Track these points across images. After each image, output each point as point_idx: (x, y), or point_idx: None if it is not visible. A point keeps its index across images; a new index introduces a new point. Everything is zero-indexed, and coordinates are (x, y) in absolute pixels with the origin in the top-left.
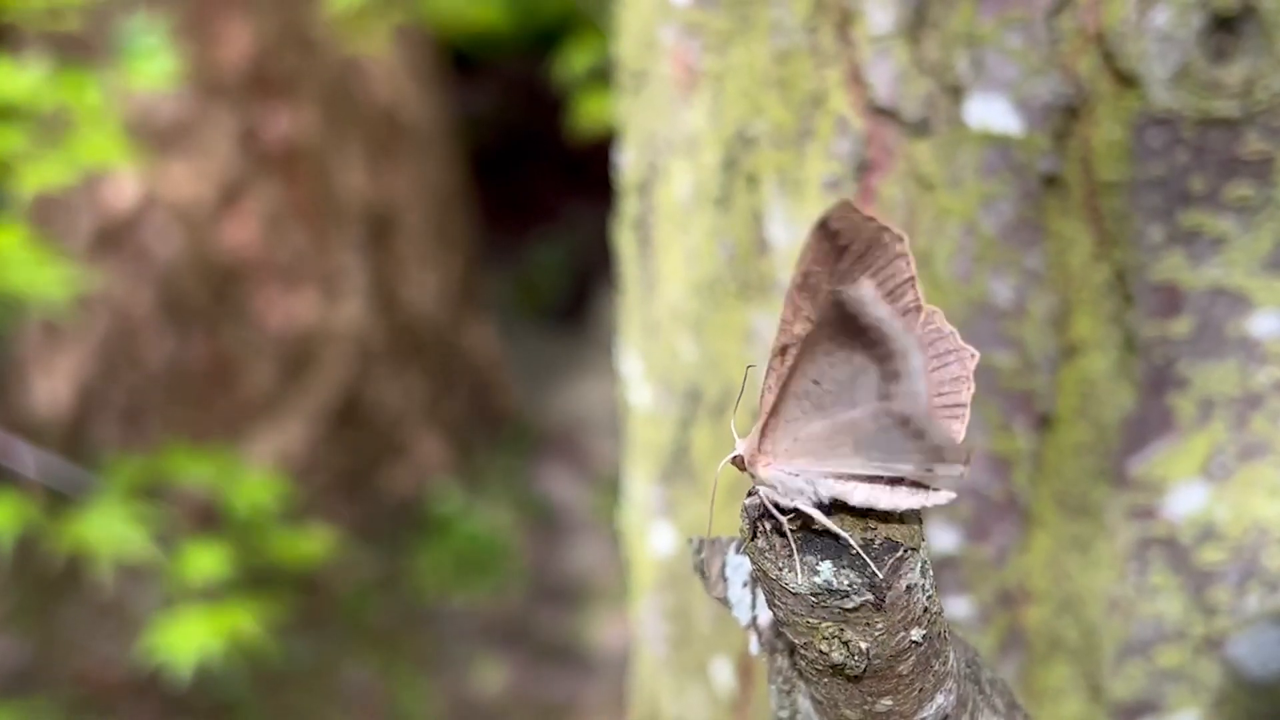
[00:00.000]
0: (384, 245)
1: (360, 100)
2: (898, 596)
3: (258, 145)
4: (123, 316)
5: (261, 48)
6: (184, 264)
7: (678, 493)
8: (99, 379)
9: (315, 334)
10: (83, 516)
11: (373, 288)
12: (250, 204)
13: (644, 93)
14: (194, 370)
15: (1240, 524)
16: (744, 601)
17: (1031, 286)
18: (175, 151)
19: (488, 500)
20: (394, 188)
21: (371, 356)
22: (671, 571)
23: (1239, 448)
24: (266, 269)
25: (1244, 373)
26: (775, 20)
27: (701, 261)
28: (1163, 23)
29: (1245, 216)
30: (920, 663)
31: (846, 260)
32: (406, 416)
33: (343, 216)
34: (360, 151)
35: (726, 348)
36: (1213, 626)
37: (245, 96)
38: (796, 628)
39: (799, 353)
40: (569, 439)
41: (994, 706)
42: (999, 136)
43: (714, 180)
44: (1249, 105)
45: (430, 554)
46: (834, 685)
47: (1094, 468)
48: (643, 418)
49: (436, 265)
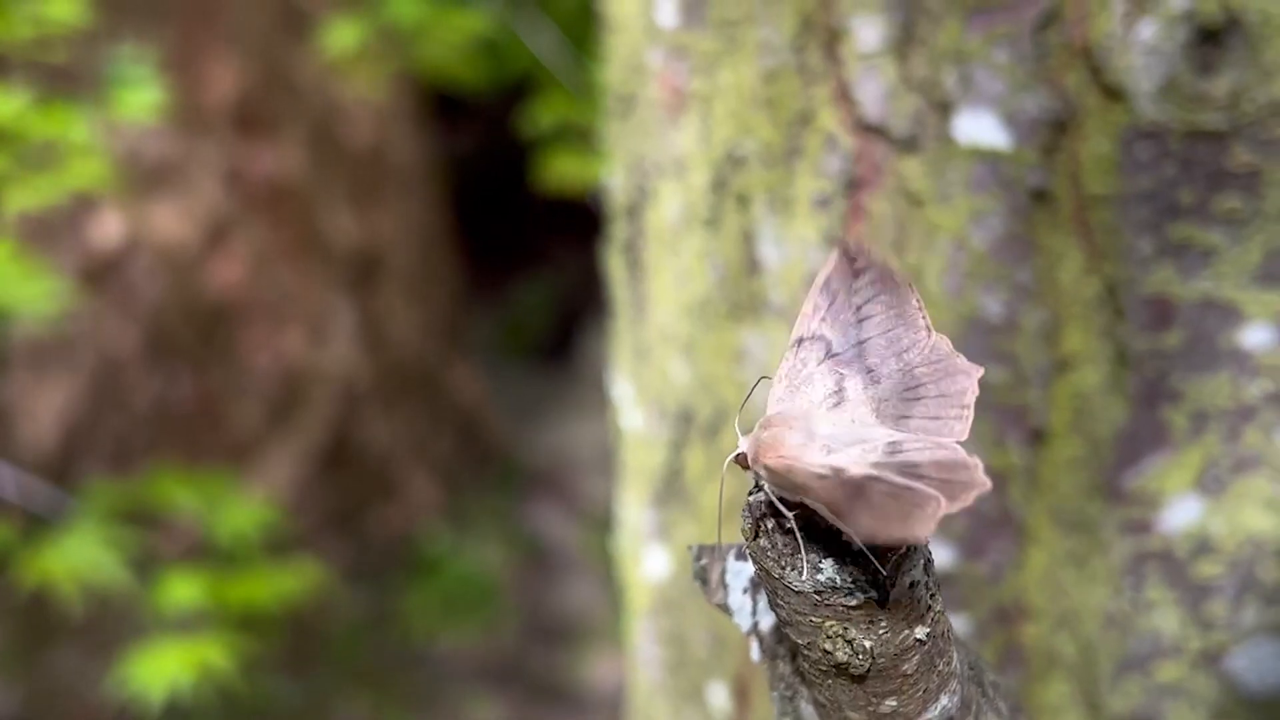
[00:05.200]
0: (370, 285)
1: (345, 141)
2: (901, 594)
3: (244, 185)
4: (109, 357)
5: (247, 88)
6: (170, 304)
7: (671, 515)
8: (85, 420)
9: (302, 374)
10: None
11: (359, 328)
12: (236, 244)
13: (632, 117)
14: (181, 410)
15: (1235, 537)
16: (744, 608)
17: (1022, 301)
18: (161, 191)
19: (476, 539)
20: (380, 228)
21: (359, 396)
22: (665, 595)
23: (1232, 461)
24: (253, 309)
25: (1236, 385)
26: (763, 40)
27: (692, 283)
28: (1149, 36)
29: (1234, 229)
30: (924, 662)
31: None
32: (394, 456)
33: (329, 257)
34: (346, 192)
35: (718, 368)
36: (1210, 641)
37: (231, 137)
38: (800, 627)
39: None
40: (557, 477)
41: (998, 710)
42: (988, 152)
43: (703, 201)
44: (1236, 118)
45: (419, 593)
46: (838, 686)
47: (1088, 482)
48: (635, 442)
49: (423, 305)
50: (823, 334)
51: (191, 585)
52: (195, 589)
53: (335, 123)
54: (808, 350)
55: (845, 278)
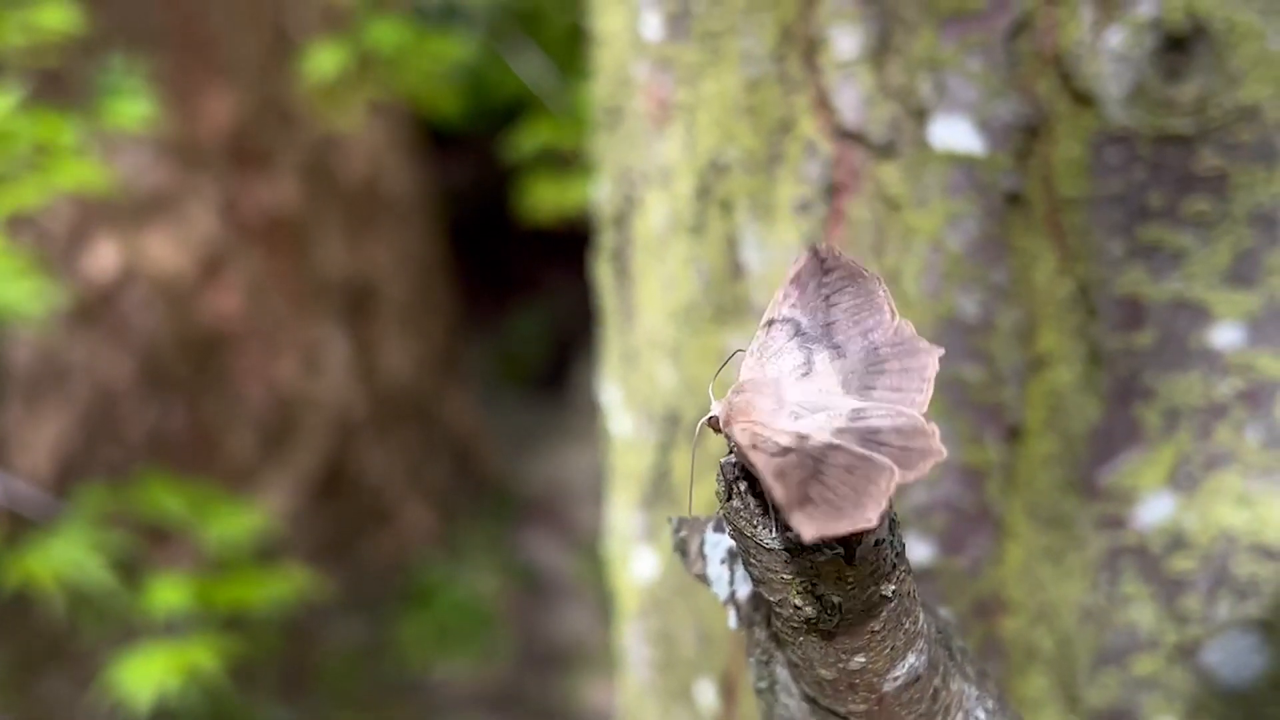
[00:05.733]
0: (364, 315)
1: (340, 172)
2: (867, 550)
3: (238, 216)
4: (103, 388)
5: (242, 120)
6: (165, 334)
7: (659, 517)
8: (79, 451)
9: (297, 403)
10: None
11: (354, 357)
12: (231, 274)
13: (619, 128)
14: (175, 440)
15: (1208, 533)
16: (722, 578)
17: (998, 301)
18: (156, 222)
19: (471, 567)
20: (374, 258)
21: (353, 426)
22: (654, 596)
23: (1204, 457)
24: (248, 339)
25: (1207, 384)
26: (744, 50)
27: (678, 288)
28: (1117, 44)
29: (1203, 231)
30: (891, 620)
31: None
32: (389, 485)
33: (323, 287)
34: (340, 223)
35: (704, 371)
36: (1185, 635)
37: (226, 168)
38: (772, 585)
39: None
40: (552, 506)
41: (965, 674)
42: (963, 156)
43: (689, 208)
44: (1202, 122)
45: (414, 622)
46: (809, 644)
47: (1064, 479)
48: (623, 446)
49: (417, 335)
50: (792, 316)
51: (179, 589)
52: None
53: (330, 154)
54: (778, 330)
55: (814, 273)
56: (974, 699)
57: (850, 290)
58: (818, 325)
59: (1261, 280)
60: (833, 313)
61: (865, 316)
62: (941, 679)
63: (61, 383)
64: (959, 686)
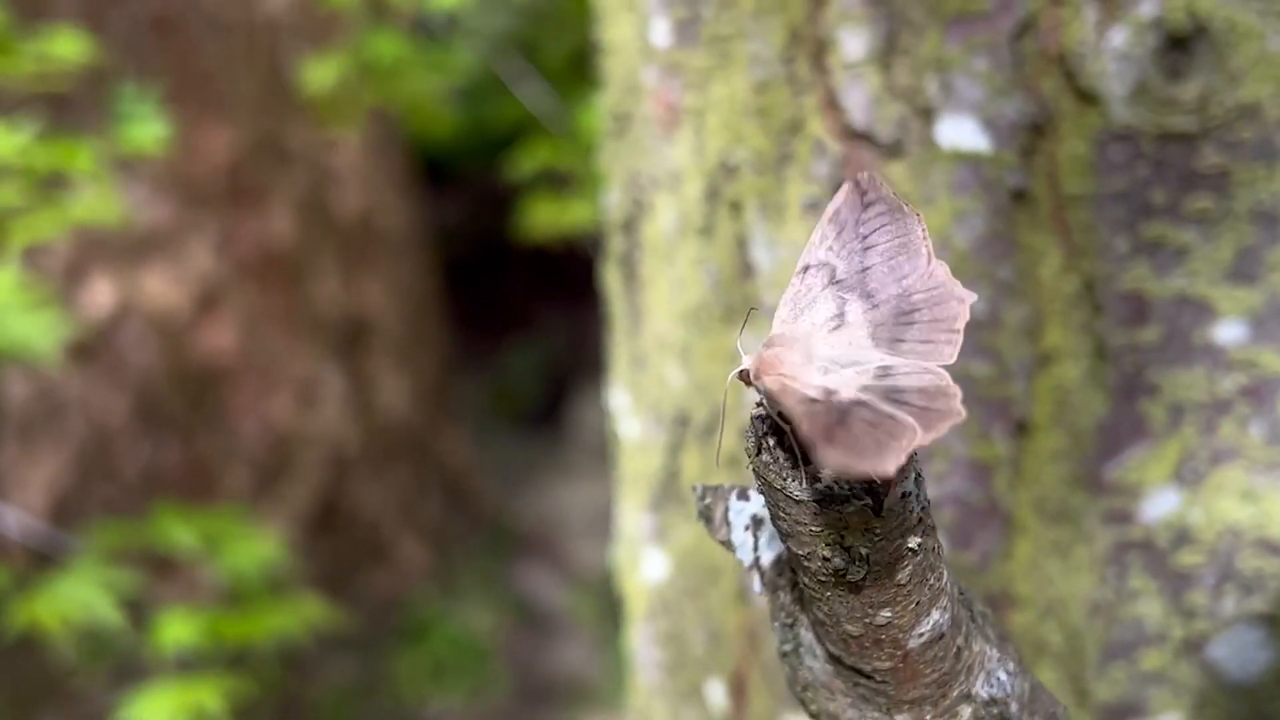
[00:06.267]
0: (359, 351)
1: (335, 208)
2: (895, 503)
3: (234, 252)
4: (98, 425)
5: (238, 156)
6: (160, 371)
7: (668, 518)
8: (74, 489)
9: (291, 439)
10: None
11: (348, 393)
12: (226, 311)
13: (628, 135)
14: (170, 477)
15: (1214, 528)
16: (746, 544)
17: (1005, 298)
18: (152, 259)
19: (466, 603)
20: (369, 294)
21: (348, 461)
22: (664, 597)
23: (1209, 452)
24: (243, 375)
25: (1211, 379)
26: (753, 53)
27: (687, 290)
28: (1120, 43)
29: (1206, 228)
30: (917, 574)
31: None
32: (383, 520)
33: (318, 322)
34: (335, 258)
35: (713, 371)
36: (1192, 629)
37: (222, 205)
38: (800, 538)
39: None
40: (547, 541)
41: (986, 636)
42: (969, 155)
43: (698, 210)
44: (1204, 120)
45: (410, 658)
46: (835, 599)
47: (1071, 474)
48: (632, 449)
49: (412, 370)
50: (828, 260)
51: (187, 625)
52: (191, 629)
53: (325, 190)
54: (813, 276)
55: (854, 209)
56: (995, 660)
57: (889, 229)
58: (853, 271)
59: (1263, 277)
60: (869, 256)
61: (902, 261)
62: (964, 638)
63: (57, 419)
64: (981, 647)
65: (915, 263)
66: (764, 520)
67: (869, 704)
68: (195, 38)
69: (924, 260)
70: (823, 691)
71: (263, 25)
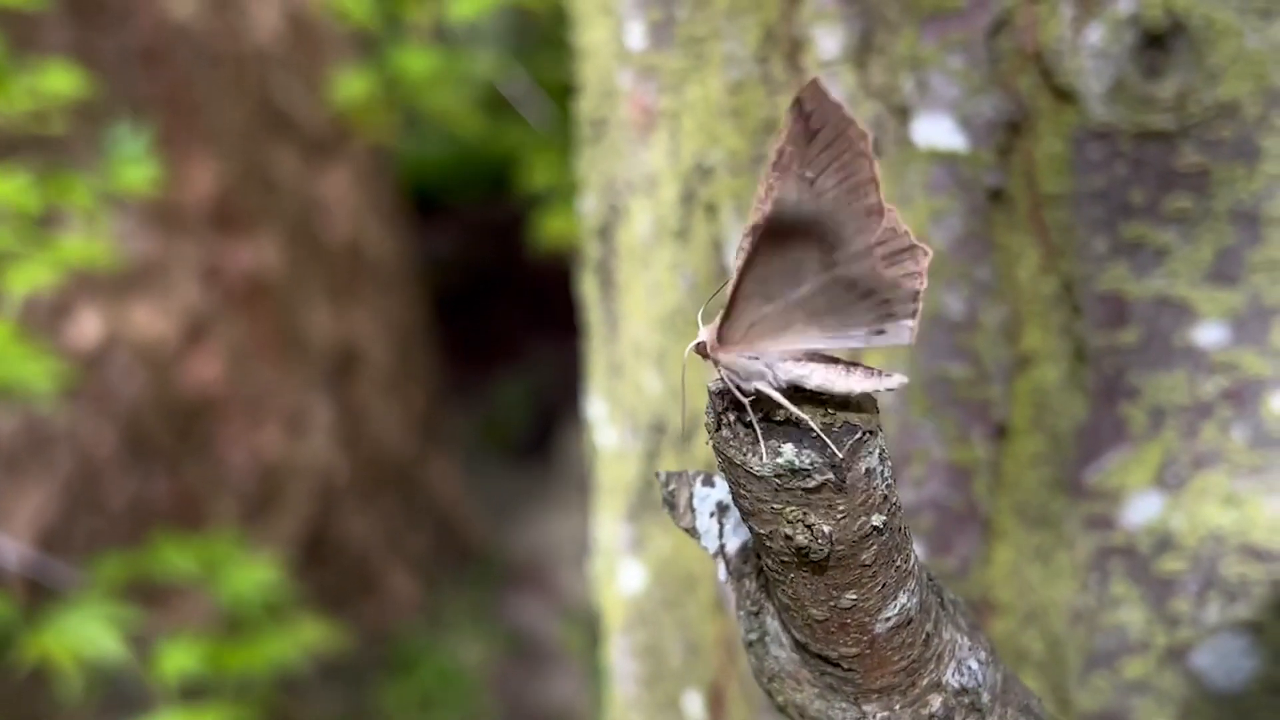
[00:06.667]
0: (348, 381)
1: (324, 237)
2: (857, 479)
3: (222, 282)
4: (85, 458)
5: (225, 186)
6: (148, 402)
7: (645, 528)
8: (60, 522)
9: (279, 470)
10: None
11: (337, 423)
12: (214, 341)
13: (604, 140)
14: (157, 508)
15: (1196, 533)
16: (711, 531)
17: (983, 298)
18: (139, 290)
19: (455, 635)
20: (358, 324)
21: (336, 492)
22: (641, 609)
23: (1191, 457)
24: (230, 405)
25: (1192, 382)
26: (728, 53)
27: (663, 295)
28: (1097, 40)
29: (1185, 228)
30: (882, 554)
31: (816, 147)
32: (371, 552)
33: (307, 352)
34: (324, 288)
35: (690, 376)
36: (1175, 637)
37: (209, 234)
38: (761, 516)
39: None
40: (536, 573)
41: (957, 624)
42: (945, 154)
43: (673, 214)
44: (1183, 119)
45: (397, 690)
46: (799, 581)
47: (1051, 478)
48: (609, 458)
49: (401, 401)
50: None
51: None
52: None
53: (313, 219)
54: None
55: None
56: (966, 648)
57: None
58: None
59: (1244, 278)
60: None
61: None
62: (934, 625)
63: (44, 452)
64: (951, 635)
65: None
66: (729, 506)
67: (836, 694)
68: (184, 68)
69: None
70: (789, 682)
71: (252, 56)
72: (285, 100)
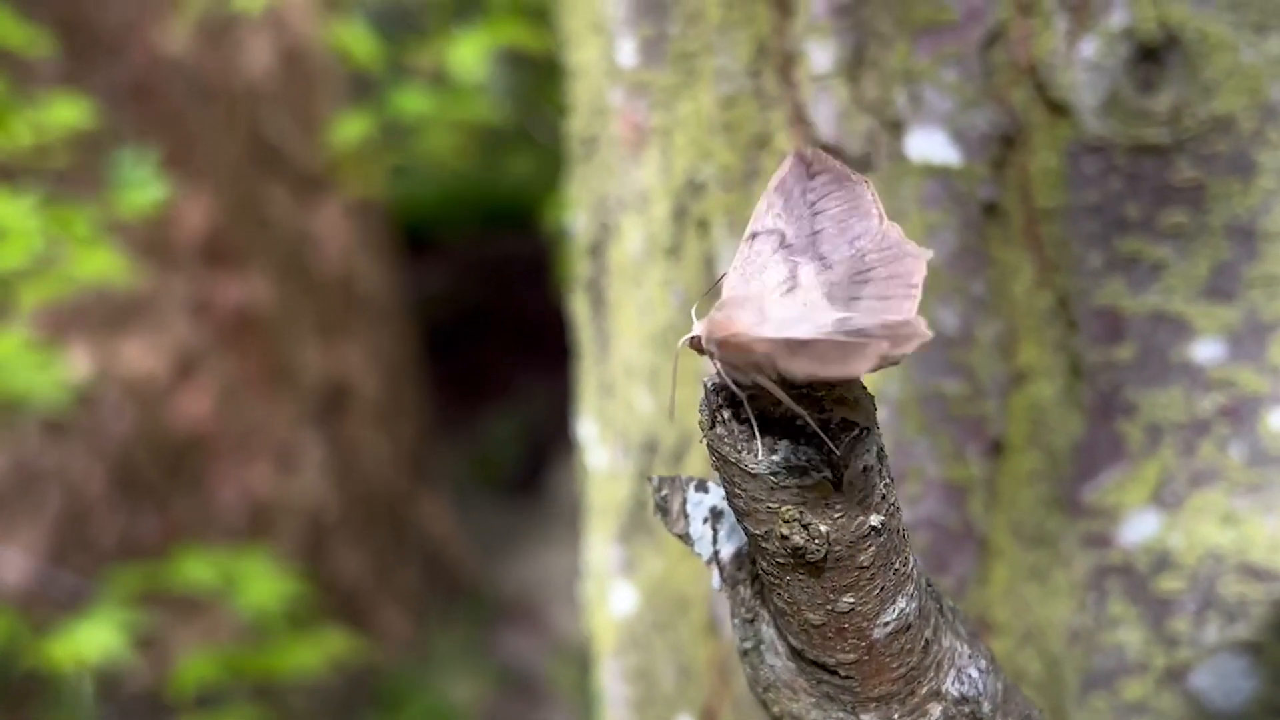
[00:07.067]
0: (339, 416)
1: (314, 273)
2: (855, 476)
3: (212, 318)
4: (75, 495)
5: (217, 222)
6: (138, 438)
7: (637, 550)
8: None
9: (270, 506)
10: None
11: (327, 459)
12: (204, 377)
13: (595, 158)
14: (146, 546)
15: (1195, 552)
16: (705, 537)
17: (977, 313)
18: (130, 326)
19: (445, 672)
20: (348, 359)
21: (326, 528)
22: (632, 632)
23: (1189, 474)
24: (221, 441)
25: (1189, 399)
26: (720, 68)
27: (655, 312)
28: (1090, 53)
29: (1181, 243)
30: (880, 556)
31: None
32: (362, 588)
33: (297, 388)
34: (315, 323)
35: (683, 394)
36: (1174, 658)
37: (200, 270)
38: (757, 515)
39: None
40: (527, 609)
41: (957, 632)
42: (939, 168)
43: (665, 231)
44: (1178, 133)
45: None
46: (795, 584)
47: (1047, 495)
48: (600, 480)
49: (391, 436)
50: (777, 227)
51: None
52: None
53: (304, 254)
54: (762, 243)
55: (800, 178)
56: (966, 656)
57: (837, 195)
58: (803, 235)
59: (1241, 294)
60: (819, 221)
61: (853, 223)
62: (933, 631)
63: (34, 489)
64: (951, 643)
65: (867, 224)
66: (723, 512)
67: (833, 703)
68: (176, 103)
69: (876, 221)
70: (785, 691)
71: (244, 91)
72: (277, 136)
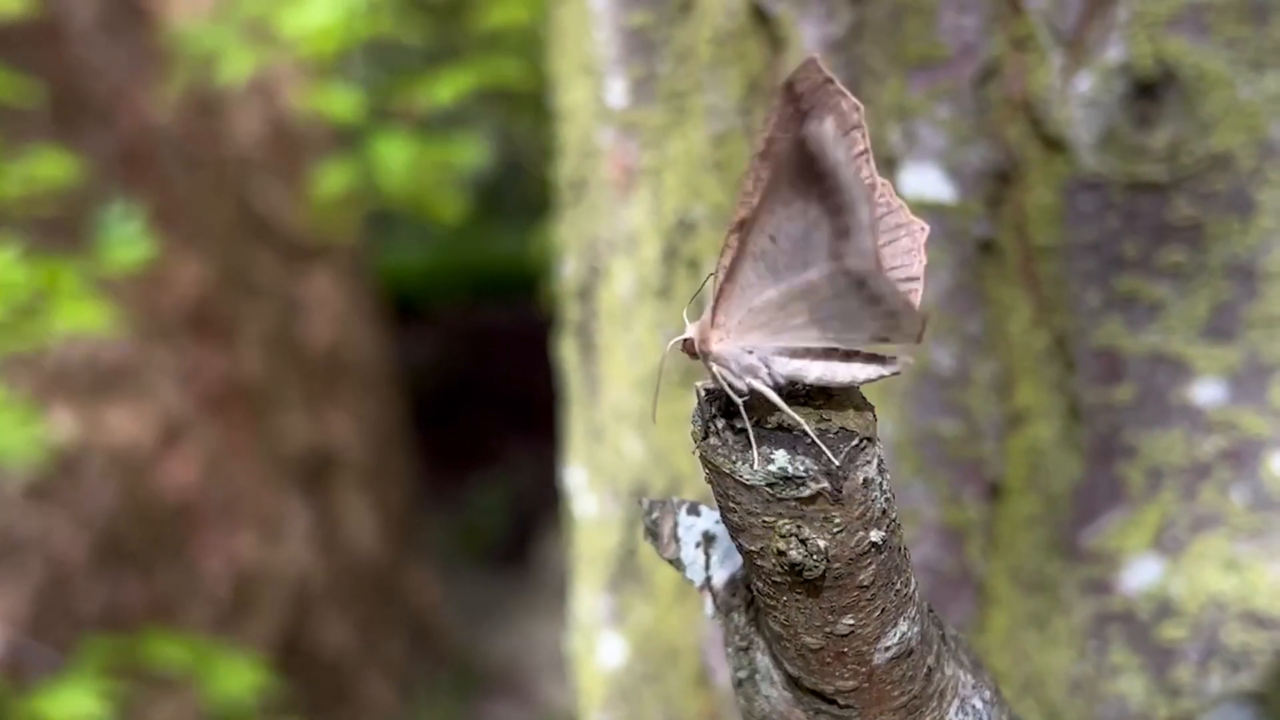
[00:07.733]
0: (325, 485)
1: (302, 341)
2: (855, 489)
3: (198, 386)
4: (57, 565)
5: (204, 289)
6: (121, 507)
7: (626, 599)
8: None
9: (254, 576)
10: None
11: (313, 528)
12: (190, 445)
13: (584, 201)
14: (129, 615)
15: (1197, 599)
16: (697, 562)
17: (973, 353)
18: (115, 394)
19: None
20: (335, 428)
21: (311, 598)
22: (621, 684)
23: (1190, 519)
24: (205, 510)
25: (1190, 442)
26: (710, 106)
27: (645, 355)
28: (1087, 89)
29: (1180, 282)
30: (881, 574)
31: None
32: (347, 659)
33: (283, 456)
34: (301, 391)
35: (672, 438)
36: (1177, 709)
37: (187, 339)
38: (752, 531)
39: (757, 206)
40: (513, 680)
41: (960, 660)
42: (934, 205)
43: (655, 272)
44: (1175, 170)
45: None
46: (792, 604)
47: (1046, 540)
48: (588, 527)
49: (377, 506)
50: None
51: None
52: None
53: (293, 323)
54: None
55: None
56: (970, 686)
57: None
58: None
59: (1241, 334)
60: None
61: None
62: (935, 658)
63: (14, 558)
64: (954, 672)
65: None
66: (716, 536)
67: None
68: (165, 172)
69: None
70: None
71: (233, 160)
72: (265, 204)
